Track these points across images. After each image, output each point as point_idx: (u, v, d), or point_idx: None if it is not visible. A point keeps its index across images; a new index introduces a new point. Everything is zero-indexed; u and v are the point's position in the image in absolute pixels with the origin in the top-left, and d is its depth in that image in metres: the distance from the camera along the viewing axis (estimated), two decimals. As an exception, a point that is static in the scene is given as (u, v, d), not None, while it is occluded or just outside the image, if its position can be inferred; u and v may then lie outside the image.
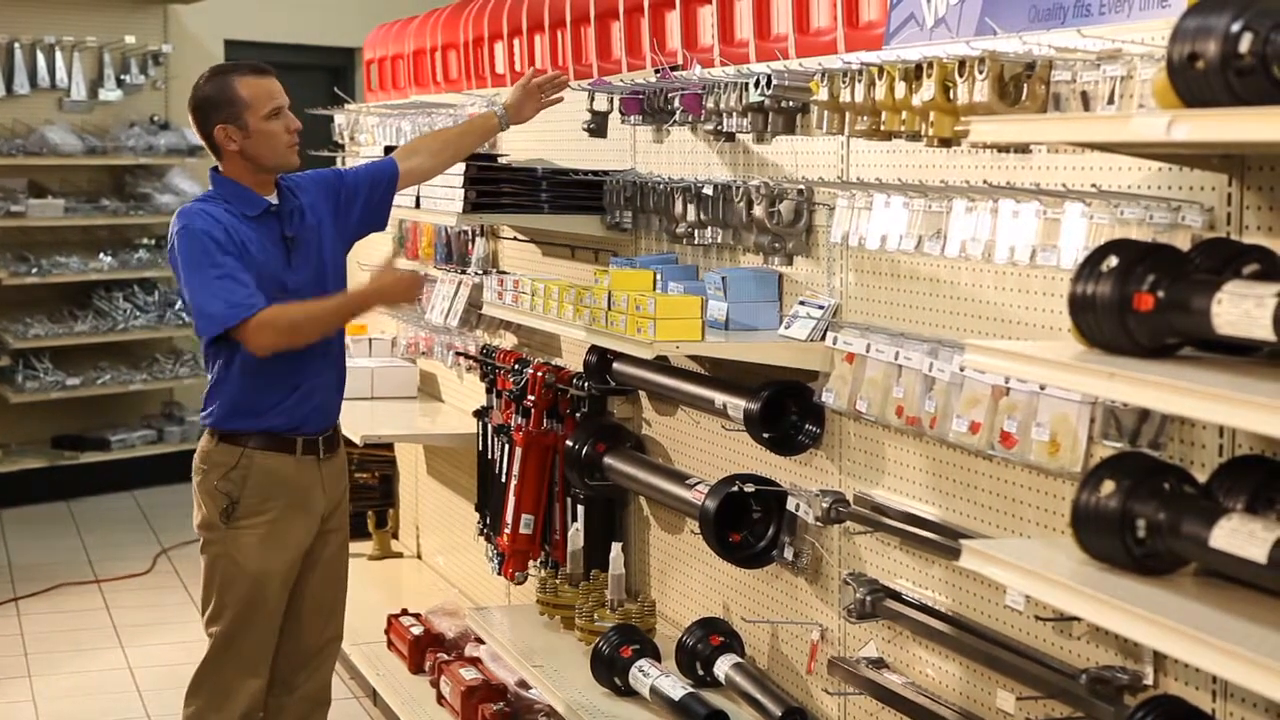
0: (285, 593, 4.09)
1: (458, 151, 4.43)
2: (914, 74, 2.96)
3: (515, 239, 5.36)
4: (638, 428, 4.52)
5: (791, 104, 3.59)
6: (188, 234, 3.89)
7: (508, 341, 5.37)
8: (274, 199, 4.02)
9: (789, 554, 3.68)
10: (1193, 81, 2.05)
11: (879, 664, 3.37)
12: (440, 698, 5.14)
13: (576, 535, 4.51)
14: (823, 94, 3.26)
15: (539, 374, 4.72)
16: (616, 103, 4.30)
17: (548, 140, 4.94)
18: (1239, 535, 2.09)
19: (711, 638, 3.91)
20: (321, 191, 4.15)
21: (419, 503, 6.68)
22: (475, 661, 5.13)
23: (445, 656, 5.26)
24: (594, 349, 4.39)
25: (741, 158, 3.92)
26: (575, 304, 3.96)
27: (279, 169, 4.02)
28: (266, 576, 4.03)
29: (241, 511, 3.98)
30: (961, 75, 2.82)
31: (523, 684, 4.80)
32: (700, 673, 3.90)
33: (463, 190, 4.54)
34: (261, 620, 4.05)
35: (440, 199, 4.69)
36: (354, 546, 4.41)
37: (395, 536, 6.97)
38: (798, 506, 3.56)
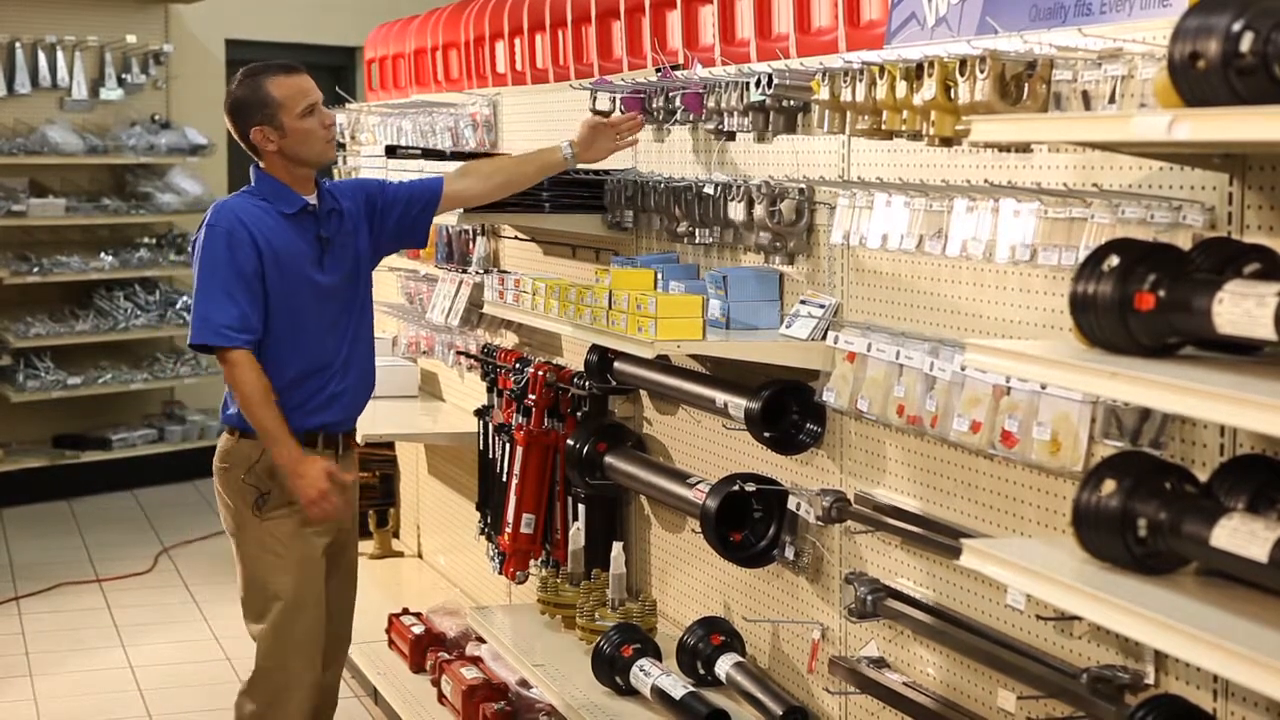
0: (324, 582, 4.05)
1: (513, 180, 4.31)
2: (915, 73, 2.96)
3: (516, 238, 5.36)
4: (639, 427, 4.52)
5: (792, 103, 3.59)
6: (212, 233, 3.93)
7: (509, 341, 5.37)
8: (312, 199, 4.02)
9: (790, 553, 3.68)
10: (1194, 81, 2.05)
11: (880, 663, 3.37)
12: (441, 697, 5.14)
13: (577, 534, 4.51)
14: (824, 93, 3.26)
15: (540, 373, 4.72)
16: (618, 102, 4.29)
17: (549, 139, 4.94)
18: (1240, 534, 2.09)
19: (712, 637, 3.91)
20: (360, 199, 4.14)
21: (420, 502, 6.69)
22: (476, 661, 5.13)
23: (446, 655, 5.26)
24: (595, 348, 4.39)
25: (742, 157, 3.92)
26: (576, 303, 3.96)
27: (318, 165, 4.04)
28: (309, 561, 4.00)
29: (273, 501, 3.97)
30: (962, 74, 2.82)
31: (524, 683, 4.80)
32: (701, 672, 3.90)
33: (464, 189, 4.53)
34: (309, 607, 4.02)
35: (441, 198, 4.68)
36: (355, 546, 4.42)
37: (396, 535, 6.97)
38: (799, 506, 3.56)
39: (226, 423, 4.04)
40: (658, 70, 4.20)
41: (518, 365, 4.91)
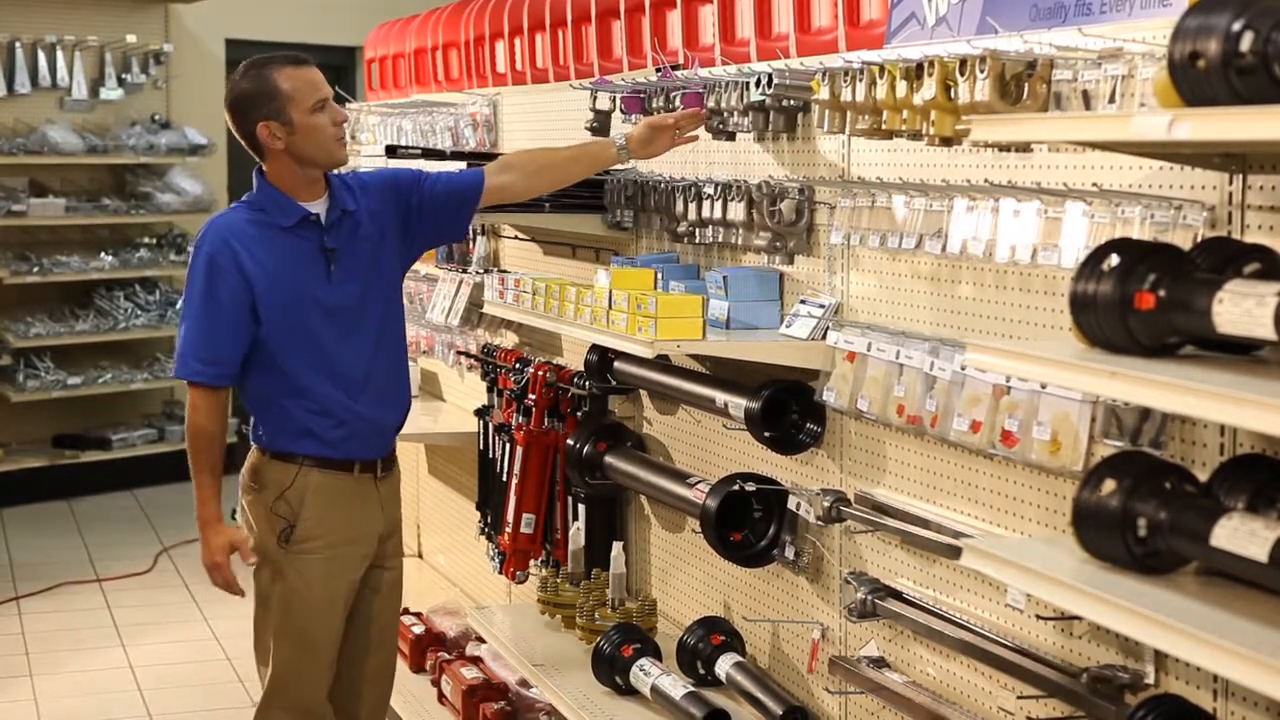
0: (344, 621, 3.90)
1: (561, 176, 4.09)
2: (915, 73, 2.96)
3: (516, 238, 5.36)
4: (639, 427, 4.52)
5: (792, 103, 3.59)
6: (196, 256, 3.76)
7: (509, 340, 5.37)
8: (317, 206, 3.79)
9: (790, 553, 3.68)
10: (1194, 80, 2.05)
11: (880, 663, 3.37)
12: (441, 696, 5.14)
13: (577, 534, 4.51)
14: (824, 93, 3.26)
15: (540, 373, 4.72)
16: (618, 102, 4.29)
17: (550, 139, 4.94)
18: (1240, 534, 2.09)
19: (712, 637, 3.91)
20: (390, 196, 3.90)
21: (420, 502, 6.68)
22: (476, 660, 5.14)
23: (446, 655, 5.27)
24: (595, 348, 4.39)
25: (742, 157, 3.92)
26: (576, 303, 3.96)
27: (327, 166, 3.79)
28: (331, 602, 3.84)
29: (300, 534, 3.78)
30: (963, 74, 2.82)
31: (523, 683, 4.80)
32: (701, 672, 3.90)
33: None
34: (322, 650, 3.86)
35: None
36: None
37: (396, 535, 6.96)
38: (799, 505, 3.56)
39: (256, 442, 3.85)
40: (658, 70, 4.20)
41: (518, 365, 4.91)
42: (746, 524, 3.73)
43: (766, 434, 3.61)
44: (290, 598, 3.83)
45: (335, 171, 3.92)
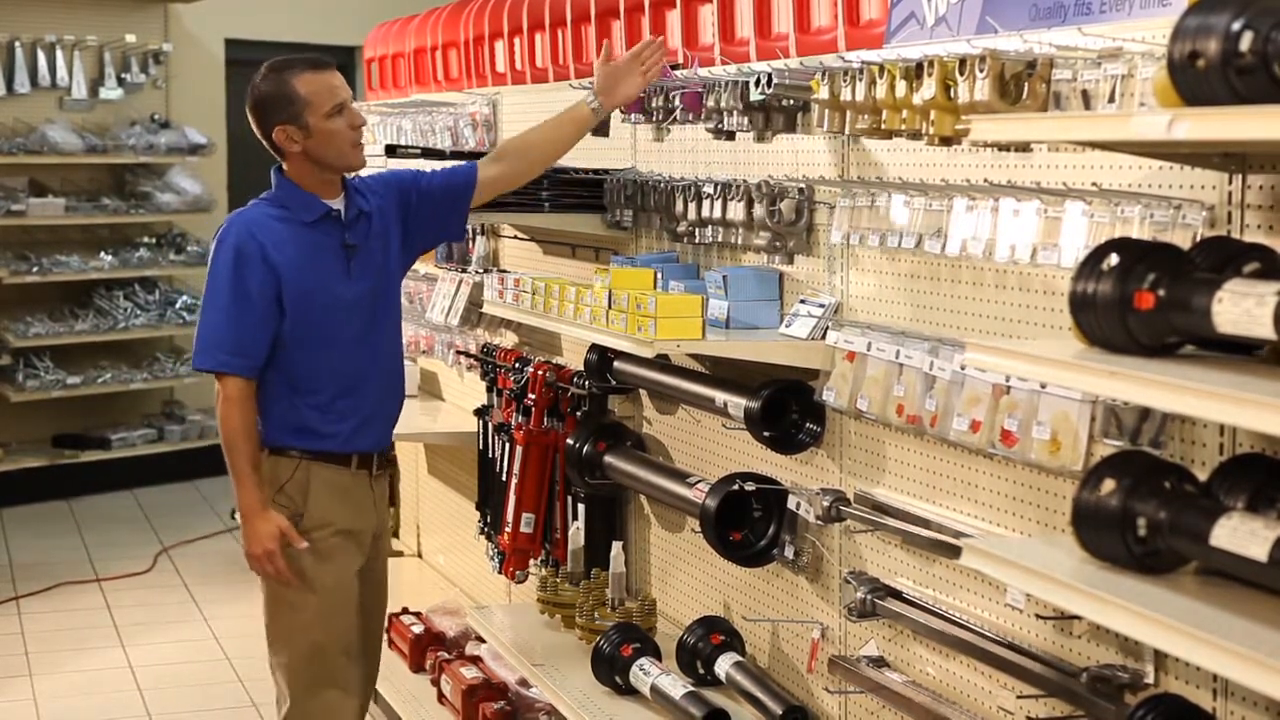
0: (356, 612, 3.91)
1: (550, 150, 4.11)
2: (915, 73, 2.96)
3: (516, 238, 5.36)
4: (638, 426, 4.52)
5: (792, 102, 3.59)
6: (220, 248, 3.77)
7: (508, 340, 5.37)
8: (336, 203, 3.84)
9: (790, 553, 3.68)
10: (1193, 80, 2.05)
11: (880, 663, 3.37)
12: (441, 696, 5.14)
13: (577, 534, 4.51)
14: (823, 92, 3.26)
15: (539, 373, 4.72)
16: (617, 101, 4.29)
17: (548, 139, 4.94)
18: (1240, 534, 2.09)
19: (712, 636, 3.91)
20: (392, 195, 3.95)
21: (420, 501, 6.69)
22: (476, 660, 5.14)
23: (446, 655, 5.27)
24: (594, 347, 4.39)
25: (742, 156, 3.92)
26: (576, 303, 3.96)
27: (344, 169, 3.84)
28: (343, 589, 3.86)
29: (308, 523, 3.80)
30: (962, 74, 2.82)
31: (523, 683, 4.80)
32: (701, 671, 3.90)
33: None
34: (344, 633, 3.87)
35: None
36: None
37: (396, 535, 6.96)
38: (798, 505, 3.56)
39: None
40: (657, 69, 4.20)
41: (517, 365, 4.90)
42: (746, 524, 3.73)
43: (766, 434, 3.61)
44: (303, 589, 3.82)
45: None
